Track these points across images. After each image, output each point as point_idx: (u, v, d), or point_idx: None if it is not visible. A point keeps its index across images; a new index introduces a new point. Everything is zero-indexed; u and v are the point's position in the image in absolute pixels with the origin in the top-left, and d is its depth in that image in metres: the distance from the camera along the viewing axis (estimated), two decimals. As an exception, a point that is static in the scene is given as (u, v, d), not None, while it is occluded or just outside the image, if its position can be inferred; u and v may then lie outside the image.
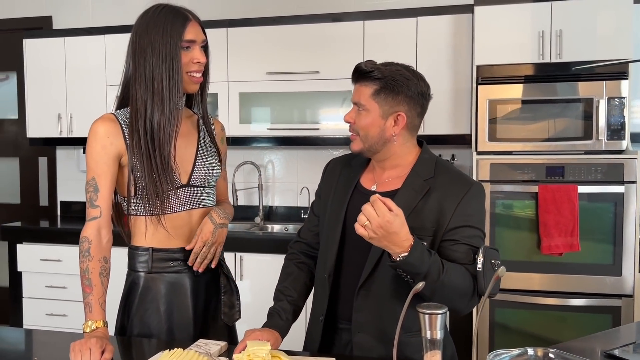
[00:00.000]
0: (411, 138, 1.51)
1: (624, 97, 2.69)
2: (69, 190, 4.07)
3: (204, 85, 1.66)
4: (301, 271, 1.62)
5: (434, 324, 1.09)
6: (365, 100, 1.44)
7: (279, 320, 1.50)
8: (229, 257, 2.95)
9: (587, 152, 2.71)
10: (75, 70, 3.61)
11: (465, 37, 3.04)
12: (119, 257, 1.78)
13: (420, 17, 3.09)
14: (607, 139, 2.69)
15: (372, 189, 1.50)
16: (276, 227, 3.56)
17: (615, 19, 2.70)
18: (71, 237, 3.41)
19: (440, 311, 1.09)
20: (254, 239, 3.20)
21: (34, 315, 3.48)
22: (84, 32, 3.61)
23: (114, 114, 1.60)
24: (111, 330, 1.60)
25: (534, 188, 2.71)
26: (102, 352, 1.39)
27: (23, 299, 3.50)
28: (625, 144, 2.70)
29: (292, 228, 3.52)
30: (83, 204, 3.95)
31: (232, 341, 1.65)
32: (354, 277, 1.46)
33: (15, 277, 3.51)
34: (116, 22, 3.73)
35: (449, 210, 1.40)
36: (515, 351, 1.22)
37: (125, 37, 4.19)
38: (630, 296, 2.64)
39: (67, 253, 3.39)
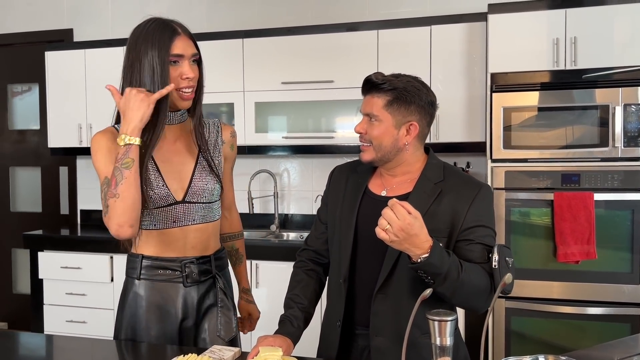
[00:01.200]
0: (420, 146, 1.55)
1: (640, 104, 2.67)
2: (88, 198, 4.14)
3: (197, 99, 1.60)
4: (310, 278, 1.65)
5: (444, 330, 1.10)
6: (377, 111, 1.47)
7: (290, 328, 1.51)
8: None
9: (603, 160, 2.69)
10: (95, 82, 3.69)
11: (479, 45, 3.04)
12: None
13: (434, 26, 3.11)
14: (624, 146, 2.67)
15: (382, 194, 1.53)
16: (292, 235, 3.58)
17: (631, 26, 2.69)
18: (91, 245, 3.48)
19: (449, 318, 1.10)
20: (269, 246, 3.23)
21: (54, 322, 3.53)
22: (104, 44, 3.69)
23: (114, 127, 1.61)
24: (109, 334, 1.63)
25: (550, 196, 2.69)
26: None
27: (44, 306, 3.56)
28: (642, 151, 2.67)
29: (292, 236, 3.55)
30: (101, 212, 4.04)
31: None
32: (369, 282, 1.48)
33: (37, 284, 3.58)
34: (135, 34, 3.80)
35: (462, 212, 1.44)
36: (527, 358, 1.22)
37: (144, 49, 4.18)
38: (649, 305, 2.61)
39: (87, 261, 3.45)
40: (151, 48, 1.49)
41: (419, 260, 1.30)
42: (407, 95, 1.46)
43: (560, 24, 2.76)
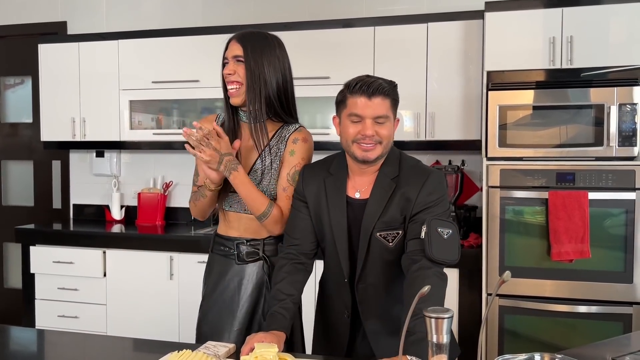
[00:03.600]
0: None
1: (635, 104, 2.67)
2: (81, 193, 4.12)
3: (249, 98, 1.74)
4: (299, 271, 1.67)
5: (440, 328, 1.09)
6: (388, 112, 1.58)
7: (284, 322, 1.53)
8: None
9: (597, 159, 2.70)
10: (89, 75, 3.66)
11: (475, 43, 3.04)
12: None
13: (431, 23, 3.10)
14: (618, 146, 2.68)
15: (357, 197, 1.64)
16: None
17: (627, 25, 2.69)
18: (84, 239, 3.46)
19: (446, 315, 1.09)
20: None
21: (46, 317, 3.51)
22: (98, 37, 3.66)
23: (217, 116, 1.90)
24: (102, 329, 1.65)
25: (544, 194, 2.70)
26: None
27: (35, 301, 3.54)
28: (636, 150, 2.68)
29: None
30: (95, 206, 4.03)
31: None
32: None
33: (28, 278, 3.55)
34: (129, 27, 3.78)
35: (412, 199, 1.59)
36: (522, 356, 1.22)
37: (139, 42, 4.22)
38: (642, 304, 2.62)
39: (80, 255, 3.43)
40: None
41: None
42: (397, 95, 1.62)
43: (557, 23, 2.76)
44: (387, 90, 1.56)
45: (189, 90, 3.48)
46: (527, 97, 2.80)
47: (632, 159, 2.67)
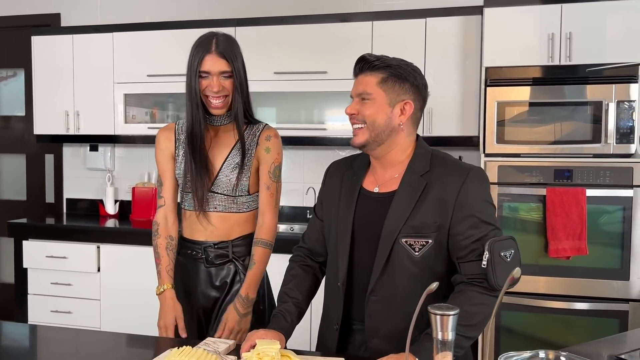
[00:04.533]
0: (413, 131, 1.49)
1: (633, 101, 2.67)
2: (75, 187, 4.08)
3: (234, 107, 1.78)
4: (306, 274, 1.61)
5: (446, 325, 1.08)
6: (371, 89, 1.42)
7: (283, 322, 1.49)
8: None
9: (595, 156, 2.70)
10: (83, 68, 3.61)
11: (474, 39, 3.03)
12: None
13: (429, 18, 3.08)
14: (616, 143, 2.68)
15: (375, 191, 1.49)
16: (282, 227, 3.55)
17: (625, 22, 2.69)
18: (77, 234, 3.42)
19: (451, 312, 1.08)
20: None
21: (39, 312, 3.48)
22: (92, 29, 3.62)
23: (176, 123, 1.90)
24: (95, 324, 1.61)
25: (542, 191, 2.69)
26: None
27: (28, 296, 3.50)
28: (634, 147, 2.68)
29: (297, 228, 3.52)
30: (89, 201, 4.00)
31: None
32: (364, 283, 1.44)
33: (21, 273, 3.51)
34: (124, 20, 3.74)
35: (450, 203, 1.38)
36: (527, 354, 1.20)
37: (134, 35, 4.16)
38: (638, 301, 2.62)
39: (73, 250, 3.39)
40: (191, 61, 1.75)
41: None
42: (402, 72, 1.42)
43: (556, 19, 2.75)
44: (371, 64, 1.42)
45: (184, 84, 3.44)
46: (525, 93, 2.79)
47: (629, 156, 2.67)
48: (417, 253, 1.39)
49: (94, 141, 3.80)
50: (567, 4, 2.73)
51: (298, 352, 1.40)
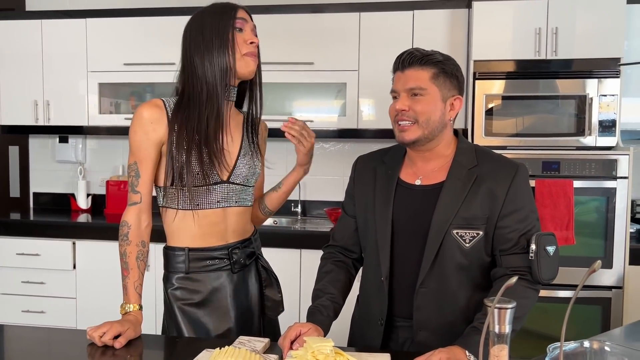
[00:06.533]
0: (453, 126, 1.51)
1: (615, 95, 2.76)
2: (42, 180, 3.89)
3: (255, 82, 1.62)
4: (340, 269, 1.58)
5: (503, 318, 1.08)
6: (425, 84, 1.40)
7: (320, 316, 1.44)
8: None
9: (579, 148, 2.78)
10: (54, 56, 3.44)
11: (462, 32, 3.05)
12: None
13: (417, 11, 3.08)
14: (599, 136, 2.77)
15: (417, 183, 1.47)
16: (267, 221, 3.49)
17: (610, 18, 2.77)
18: (51, 230, 3.26)
19: (509, 305, 1.07)
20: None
21: (9, 312, 3.30)
22: (63, 14, 3.44)
23: (163, 100, 1.55)
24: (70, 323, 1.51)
25: (531, 182, 2.75)
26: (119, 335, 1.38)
27: (-3, 295, 3.32)
28: (616, 140, 2.77)
29: (285, 221, 3.47)
30: (57, 195, 3.83)
31: (275, 337, 1.60)
32: (410, 276, 1.43)
33: (-11, 272, 3.33)
34: (97, 5, 3.57)
35: (500, 196, 1.39)
36: (573, 344, 1.22)
37: (110, 22, 3.97)
38: (620, 288, 2.73)
39: (47, 247, 3.23)
40: (216, 18, 1.51)
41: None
42: (451, 68, 1.41)
43: (543, 14, 2.81)
44: (422, 59, 1.39)
45: (163, 73, 3.31)
46: (513, 87, 2.84)
47: (611, 148, 2.77)
48: (467, 245, 1.39)
49: (66, 132, 3.63)
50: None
51: (345, 349, 1.35)
